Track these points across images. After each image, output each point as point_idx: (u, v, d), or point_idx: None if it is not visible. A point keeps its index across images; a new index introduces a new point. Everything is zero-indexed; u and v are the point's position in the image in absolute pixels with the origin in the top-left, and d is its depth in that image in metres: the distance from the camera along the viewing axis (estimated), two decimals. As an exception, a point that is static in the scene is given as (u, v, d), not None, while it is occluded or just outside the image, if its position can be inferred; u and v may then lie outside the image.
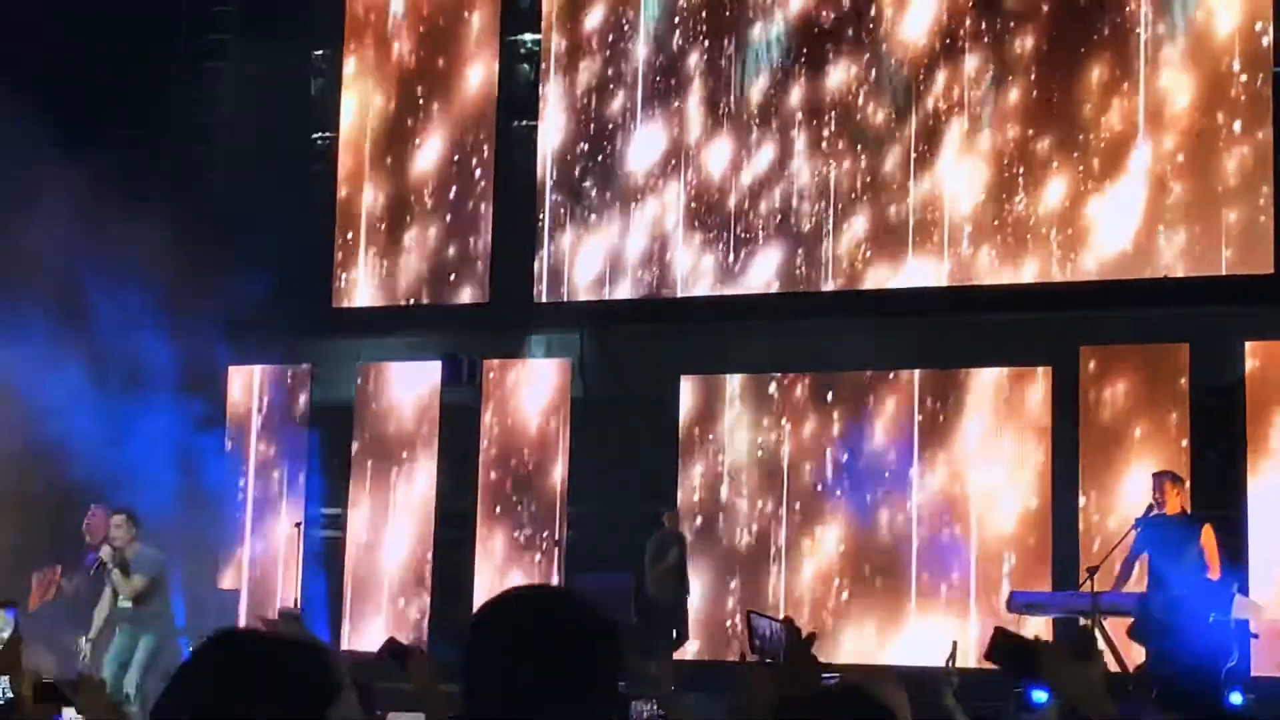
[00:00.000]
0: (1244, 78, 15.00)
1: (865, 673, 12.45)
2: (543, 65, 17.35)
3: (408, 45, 17.90)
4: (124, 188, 14.93)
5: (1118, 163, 15.29)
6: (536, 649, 2.71)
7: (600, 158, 17.00)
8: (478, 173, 17.47)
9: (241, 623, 16.40)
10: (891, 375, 15.89)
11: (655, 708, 7.87)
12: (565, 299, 16.98)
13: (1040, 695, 11.25)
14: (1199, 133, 15.06)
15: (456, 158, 17.55)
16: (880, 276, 15.94)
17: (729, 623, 15.91)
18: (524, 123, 17.45)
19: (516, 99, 17.51)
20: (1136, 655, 12.63)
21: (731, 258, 16.46)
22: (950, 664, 10.76)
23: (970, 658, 15.10)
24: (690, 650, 15.61)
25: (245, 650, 2.19)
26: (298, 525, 16.45)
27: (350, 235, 17.80)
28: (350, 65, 18.02)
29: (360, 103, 17.94)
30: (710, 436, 16.37)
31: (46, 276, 15.26)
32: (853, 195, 16.08)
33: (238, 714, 2.24)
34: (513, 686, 2.69)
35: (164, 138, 17.74)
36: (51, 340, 14.90)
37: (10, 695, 10.27)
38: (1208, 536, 12.59)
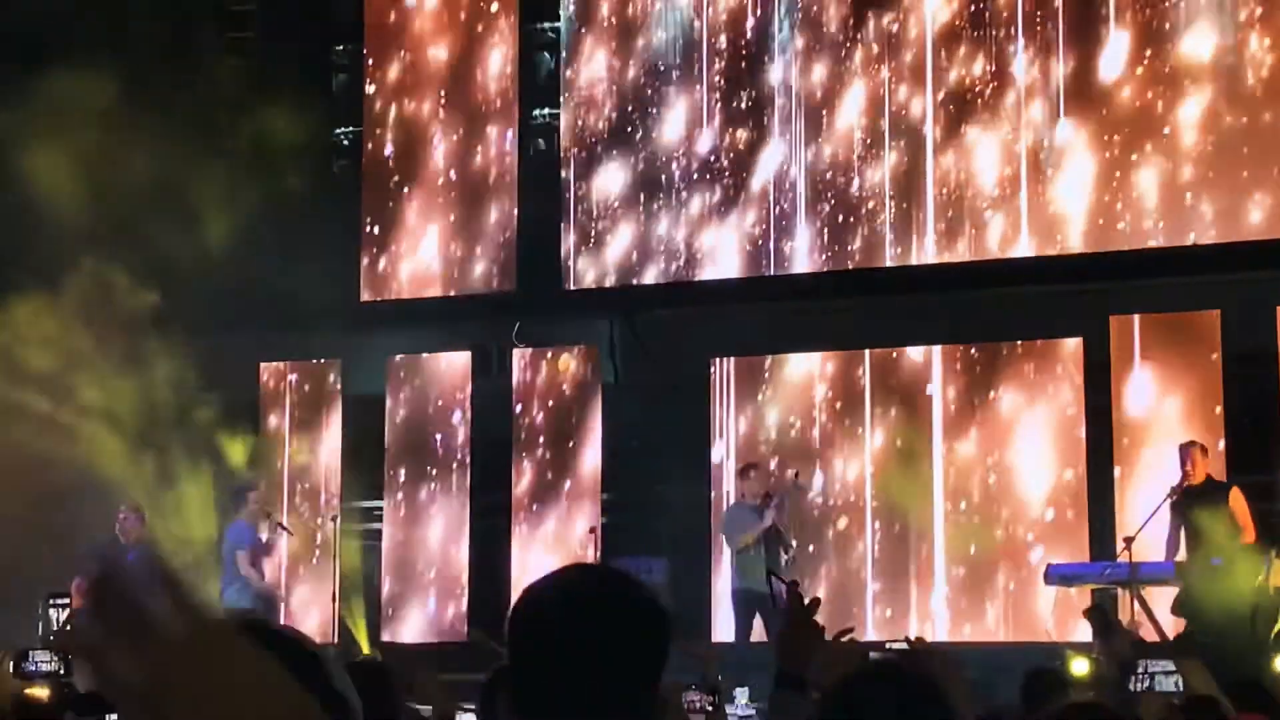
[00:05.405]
0: (1269, 46, 14.93)
1: (915, 650, 12.38)
2: (563, 51, 17.32)
3: (429, 35, 17.87)
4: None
5: (1144, 130, 15.20)
6: (585, 632, 2.56)
7: (625, 142, 16.96)
8: (502, 161, 17.44)
9: (281, 620, 16.44)
10: (923, 351, 15.83)
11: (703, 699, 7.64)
12: (594, 285, 16.96)
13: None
14: (1227, 100, 14.97)
15: (480, 147, 17.53)
16: (909, 253, 15.88)
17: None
18: (547, 110, 17.43)
19: (539, 86, 17.48)
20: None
21: (760, 238, 16.41)
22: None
23: (991, 631, 15.09)
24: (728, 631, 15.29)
25: None
26: (333, 519, 16.49)
27: (377, 229, 17.80)
28: (372, 59, 18.00)
29: (383, 96, 17.93)
30: (743, 418, 16.33)
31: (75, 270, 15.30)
32: (880, 173, 16.02)
33: None
34: (559, 672, 2.55)
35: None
36: (79, 336, 14.94)
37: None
38: (1236, 499, 12.59)
